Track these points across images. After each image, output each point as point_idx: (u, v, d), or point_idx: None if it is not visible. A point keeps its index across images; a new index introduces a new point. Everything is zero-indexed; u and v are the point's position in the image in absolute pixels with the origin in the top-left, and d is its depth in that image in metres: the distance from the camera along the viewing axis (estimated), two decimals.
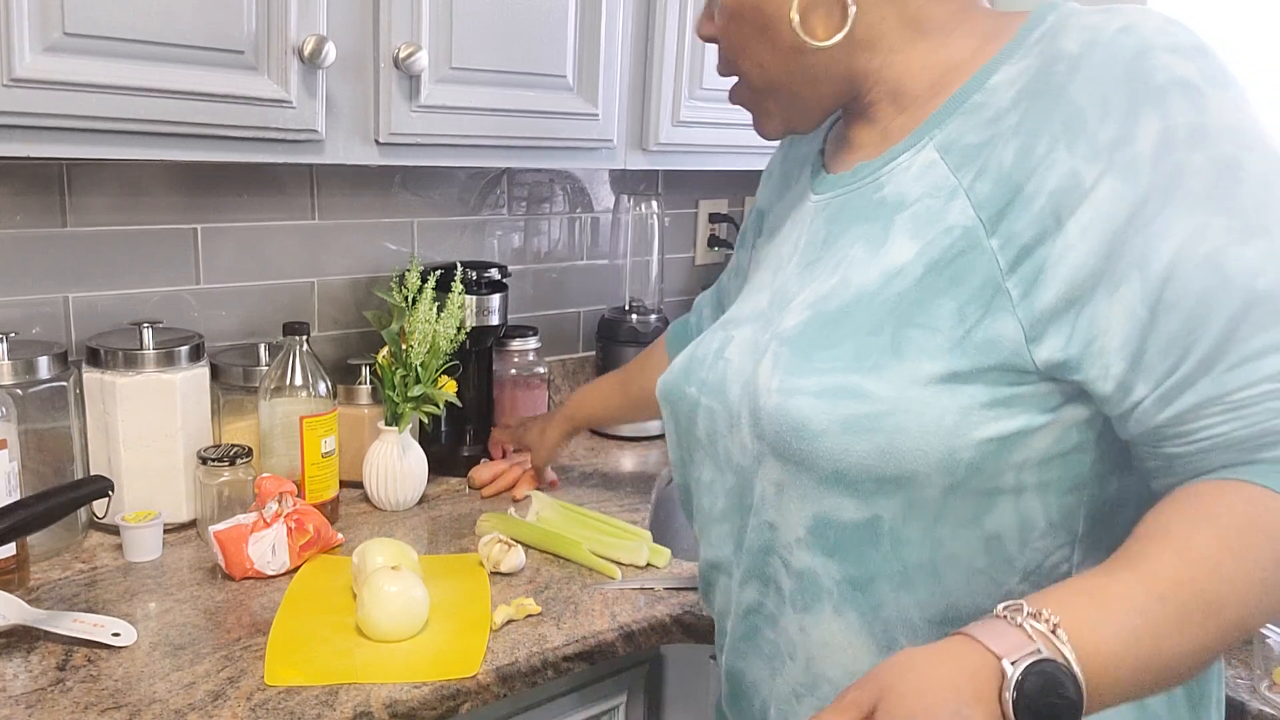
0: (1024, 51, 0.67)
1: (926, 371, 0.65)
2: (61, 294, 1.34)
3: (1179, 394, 0.61)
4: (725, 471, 0.80)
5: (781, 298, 0.79)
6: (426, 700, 0.95)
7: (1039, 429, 0.65)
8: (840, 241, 0.75)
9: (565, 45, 1.36)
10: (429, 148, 1.28)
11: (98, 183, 1.34)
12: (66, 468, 1.24)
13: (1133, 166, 0.60)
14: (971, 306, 0.65)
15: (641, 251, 1.85)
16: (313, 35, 1.12)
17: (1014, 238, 0.63)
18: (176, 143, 1.08)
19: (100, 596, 1.10)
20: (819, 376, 0.69)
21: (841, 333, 0.69)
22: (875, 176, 0.74)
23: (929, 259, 0.67)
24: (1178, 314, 0.60)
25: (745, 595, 0.79)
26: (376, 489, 1.38)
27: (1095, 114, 0.61)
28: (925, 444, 0.65)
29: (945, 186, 0.68)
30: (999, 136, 0.66)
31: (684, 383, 0.84)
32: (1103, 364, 0.62)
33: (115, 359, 1.23)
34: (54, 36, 0.98)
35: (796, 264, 0.79)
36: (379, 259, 1.61)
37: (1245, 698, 1.00)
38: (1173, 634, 0.57)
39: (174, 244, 1.42)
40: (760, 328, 0.79)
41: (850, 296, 0.70)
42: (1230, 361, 0.60)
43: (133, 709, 0.90)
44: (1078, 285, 0.62)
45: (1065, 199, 0.62)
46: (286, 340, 1.30)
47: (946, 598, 0.70)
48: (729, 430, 0.78)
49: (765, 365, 0.73)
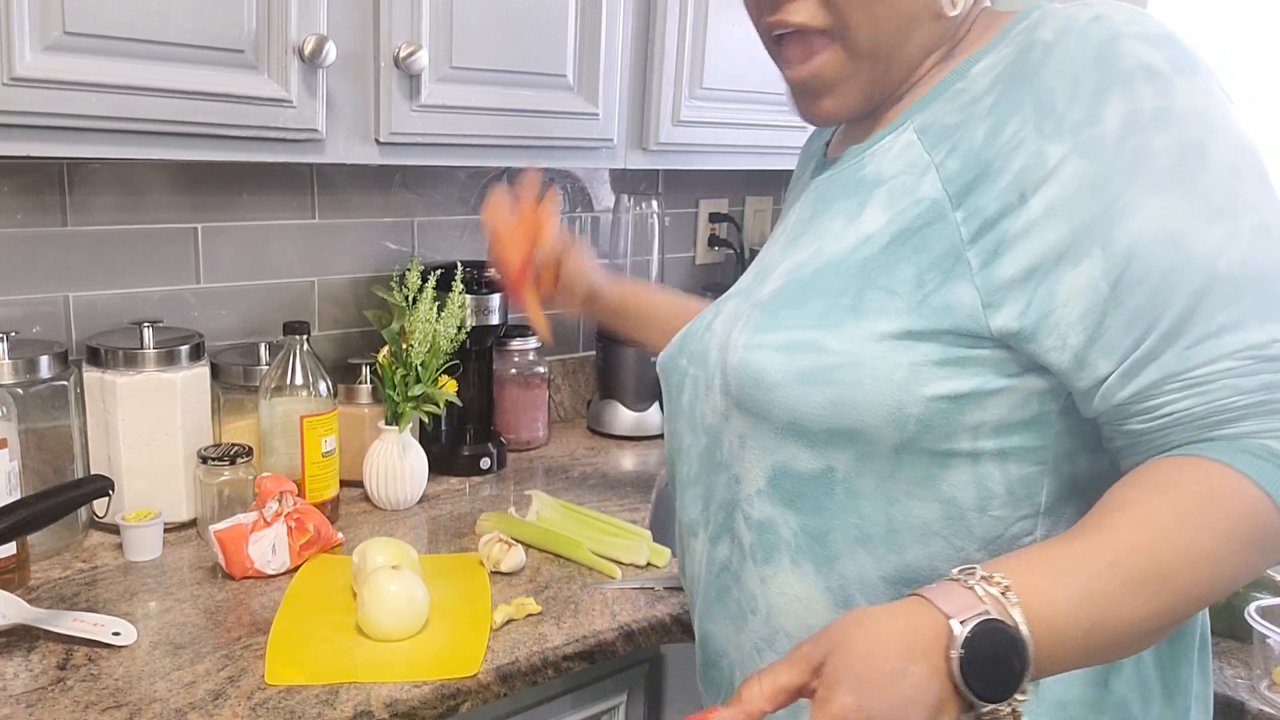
0: (1005, 43, 0.70)
1: (882, 329, 0.68)
2: (62, 293, 1.34)
3: (1141, 369, 0.63)
4: (699, 434, 0.82)
5: (763, 271, 0.82)
6: (427, 699, 0.95)
7: (995, 393, 0.67)
8: (822, 218, 0.77)
9: (565, 45, 1.36)
10: (429, 147, 1.28)
11: (98, 182, 1.34)
12: (67, 467, 1.24)
13: (1097, 146, 0.62)
14: (932, 273, 0.67)
15: (642, 251, 1.85)
16: (313, 35, 1.12)
17: (978, 211, 0.66)
18: (177, 142, 1.08)
19: (100, 596, 1.10)
20: (783, 332, 0.72)
21: (809, 293, 0.73)
22: (859, 158, 0.77)
23: (896, 228, 0.70)
24: (1141, 290, 0.62)
25: (716, 553, 0.82)
26: (376, 488, 1.38)
27: (1064, 96, 0.64)
28: (875, 396, 0.68)
29: (919, 163, 0.70)
30: (973, 118, 0.68)
31: (677, 355, 0.87)
32: (1059, 335, 0.64)
33: (115, 358, 1.23)
34: (54, 35, 0.98)
35: (783, 241, 0.82)
36: (379, 258, 1.61)
37: (1245, 697, 1.00)
38: (1124, 600, 0.58)
39: (174, 243, 1.42)
40: (742, 299, 0.81)
41: (822, 263, 0.73)
42: (1191, 338, 0.61)
43: (133, 708, 0.90)
44: (1038, 258, 0.64)
45: (1030, 176, 0.64)
46: (287, 340, 1.30)
47: (902, 557, 0.71)
48: (705, 394, 0.81)
49: (737, 328, 0.76)
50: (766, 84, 1.60)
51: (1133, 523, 0.60)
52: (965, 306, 0.66)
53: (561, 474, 1.55)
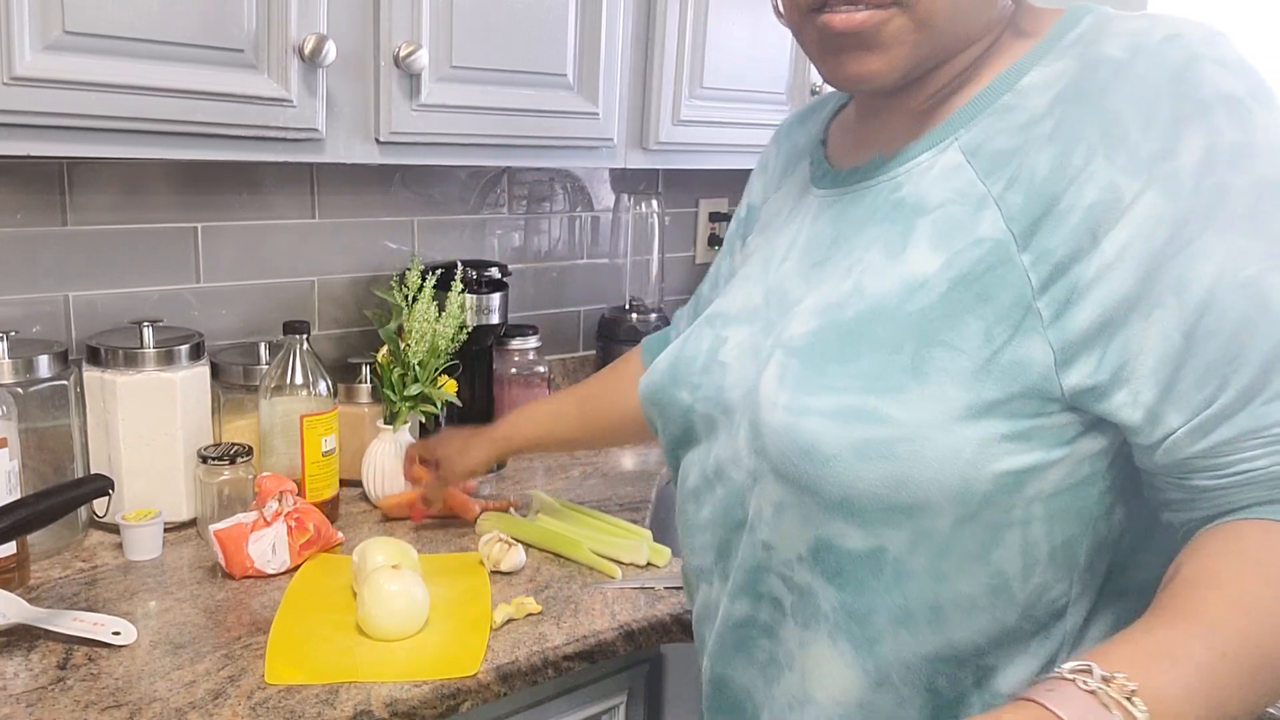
0: (1058, 53, 0.64)
1: (949, 397, 0.61)
2: (62, 292, 1.34)
3: (1215, 426, 0.58)
4: (714, 482, 0.76)
5: (781, 298, 0.74)
6: (427, 699, 0.95)
7: (1055, 463, 0.62)
8: (852, 243, 0.70)
9: (565, 44, 1.36)
10: (429, 146, 1.28)
11: (98, 181, 1.34)
12: (67, 466, 1.24)
13: (1175, 182, 0.57)
14: (1000, 327, 0.61)
15: (642, 250, 1.85)
16: (313, 34, 1.12)
17: (1047, 254, 0.59)
18: (177, 141, 1.08)
19: (100, 595, 1.10)
20: (833, 395, 0.64)
21: (858, 347, 0.65)
22: (891, 175, 0.69)
23: (956, 273, 0.62)
24: (1215, 342, 0.57)
25: (735, 609, 0.76)
26: (376, 488, 1.38)
27: (1137, 124, 0.58)
28: (941, 474, 0.61)
29: (973, 194, 0.64)
30: (1032, 143, 0.62)
31: (672, 386, 0.80)
32: (1132, 390, 0.59)
33: (115, 358, 1.22)
34: (54, 35, 0.98)
35: (798, 262, 0.74)
36: (379, 258, 1.61)
37: None
38: (1235, 692, 0.54)
39: (174, 243, 1.42)
40: (759, 330, 0.74)
41: (866, 307, 0.66)
42: (1269, 395, 0.58)
43: (133, 707, 0.90)
44: (1113, 308, 0.58)
45: (1103, 214, 0.58)
46: (287, 339, 1.30)
47: (945, 635, 0.66)
48: (725, 441, 0.75)
49: (770, 376, 0.68)
50: (767, 84, 1.60)
51: (1235, 604, 0.55)
52: (1038, 365, 0.60)
53: (561, 474, 1.55)
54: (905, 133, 0.70)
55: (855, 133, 0.77)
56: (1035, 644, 0.67)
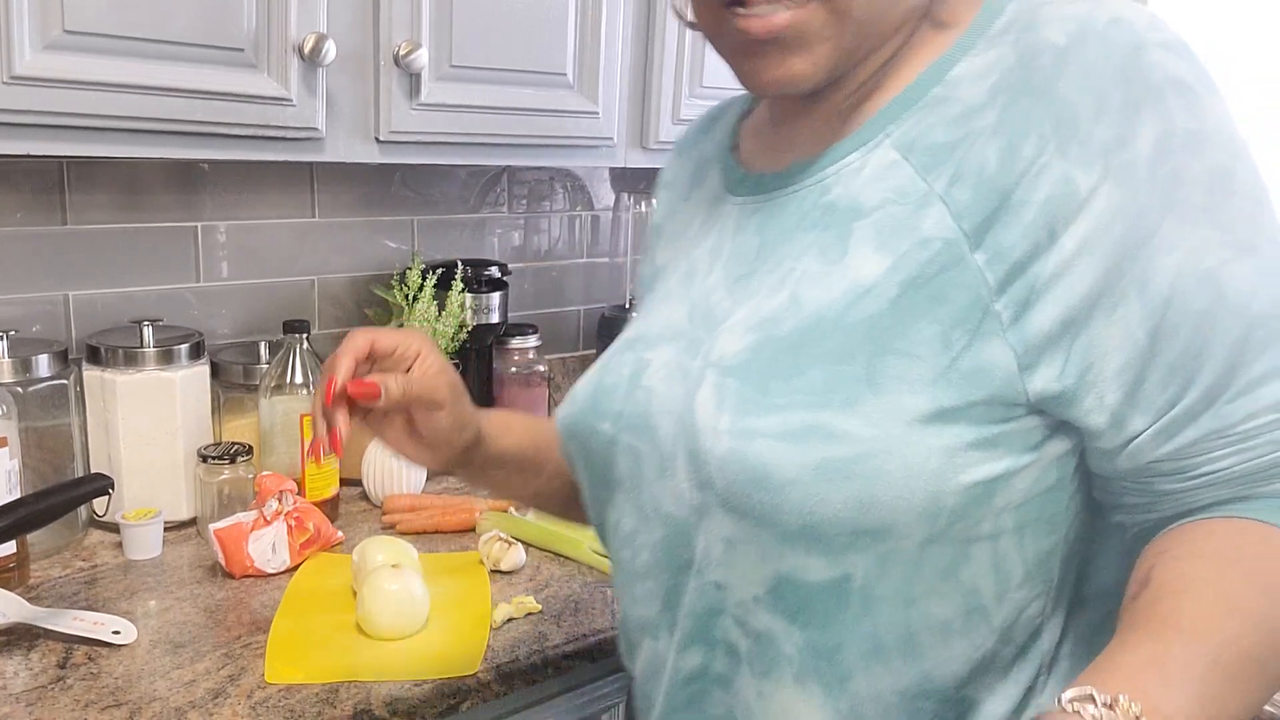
0: (987, 42, 0.60)
1: (909, 406, 0.57)
2: (62, 292, 1.34)
3: (1181, 428, 0.56)
4: (652, 522, 0.68)
5: (707, 315, 0.68)
6: (427, 698, 0.95)
7: (1023, 469, 0.59)
8: (781, 252, 0.65)
9: (565, 43, 1.36)
10: (429, 145, 1.28)
11: (98, 181, 1.34)
12: (67, 466, 1.24)
13: (1130, 173, 0.54)
14: (957, 331, 0.57)
15: (642, 250, 1.85)
16: (313, 33, 1.12)
17: (1003, 253, 0.56)
18: (176, 140, 1.08)
19: (100, 594, 1.10)
20: (781, 414, 0.58)
21: (802, 361, 0.59)
22: (818, 178, 0.64)
23: (904, 276, 0.58)
24: (1179, 339, 0.55)
25: (686, 661, 0.68)
26: (376, 488, 1.38)
27: (1089, 113, 0.55)
28: (908, 490, 0.56)
29: (913, 191, 0.59)
30: (974, 135, 0.57)
31: (593, 417, 0.72)
32: (1098, 393, 0.56)
33: (115, 357, 1.23)
34: (54, 34, 0.98)
35: (723, 275, 0.68)
36: (379, 257, 1.61)
37: None
38: (1230, 698, 0.52)
39: (174, 242, 1.42)
40: (685, 350, 0.67)
41: (807, 318, 0.60)
42: (1232, 392, 0.56)
43: (133, 707, 0.90)
44: (1075, 307, 0.55)
45: (1060, 208, 0.55)
46: (287, 338, 1.30)
47: (920, 665, 0.62)
48: (659, 475, 0.67)
49: (705, 399, 0.62)
50: None
51: (1215, 609, 0.53)
52: (1000, 369, 0.56)
53: None
54: (828, 133, 0.66)
55: (771, 136, 0.72)
56: (1015, 670, 0.64)
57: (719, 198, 0.73)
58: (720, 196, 0.73)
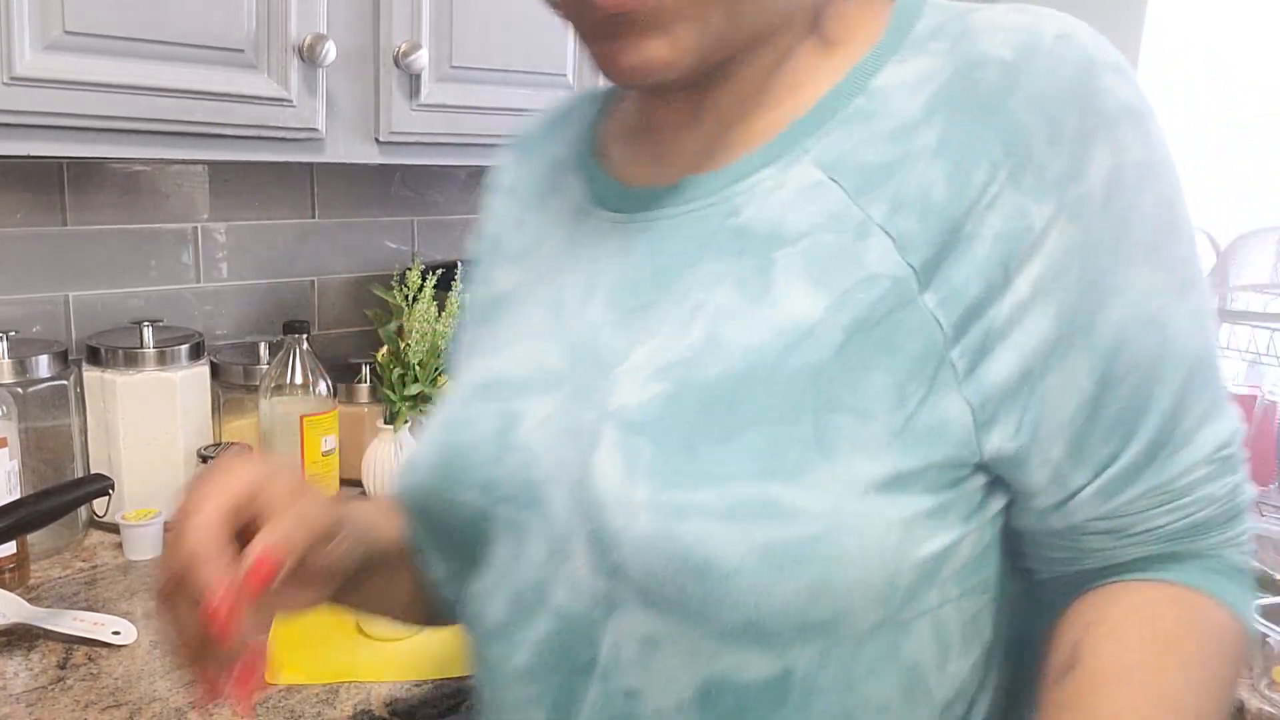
0: (911, 48, 0.53)
1: (864, 473, 0.48)
2: (61, 292, 1.34)
3: (1123, 486, 0.52)
4: (536, 614, 0.56)
5: (594, 356, 0.56)
6: (427, 698, 0.95)
7: (968, 535, 0.53)
8: (684, 281, 0.54)
9: (566, 44, 1.36)
10: (429, 146, 1.28)
11: (97, 181, 1.34)
12: (67, 466, 1.24)
13: (1084, 207, 0.49)
14: (912, 384, 0.49)
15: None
16: (312, 33, 1.12)
17: (956, 294, 0.49)
18: (176, 141, 1.08)
19: (100, 595, 1.10)
20: (717, 486, 0.48)
21: (735, 417, 0.49)
22: (723, 196, 0.55)
23: (850, 318, 0.50)
24: (1124, 389, 0.50)
25: None
26: (376, 487, 1.38)
27: (1042, 139, 0.49)
28: (866, 573, 0.48)
29: (848, 218, 0.51)
30: (914, 156, 0.50)
31: (450, 487, 0.59)
32: (1043, 450, 0.51)
33: (115, 357, 1.23)
34: (54, 35, 0.98)
35: (606, 307, 0.57)
36: (379, 257, 1.61)
37: (1245, 696, 1.00)
38: None
39: (174, 242, 1.42)
40: (570, 400, 0.55)
41: (735, 364, 0.50)
42: (1175, 444, 0.52)
43: (133, 707, 0.90)
44: (1031, 356, 0.49)
45: (1014, 245, 0.49)
46: (286, 339, 1.30)
47: None
48: (548, 558, 0.55)
49: (609, 464, 0.50)
50: None
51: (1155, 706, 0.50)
52: (957, 427, 0.50)
53: None
54: (723, 144, 0.57)
55: (647, 143, 0.62)
56: None
57: (583, 211, 0.62)
58: (585, 210, 0.62)
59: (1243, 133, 1.59)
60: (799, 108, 0.55)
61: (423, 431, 0.62)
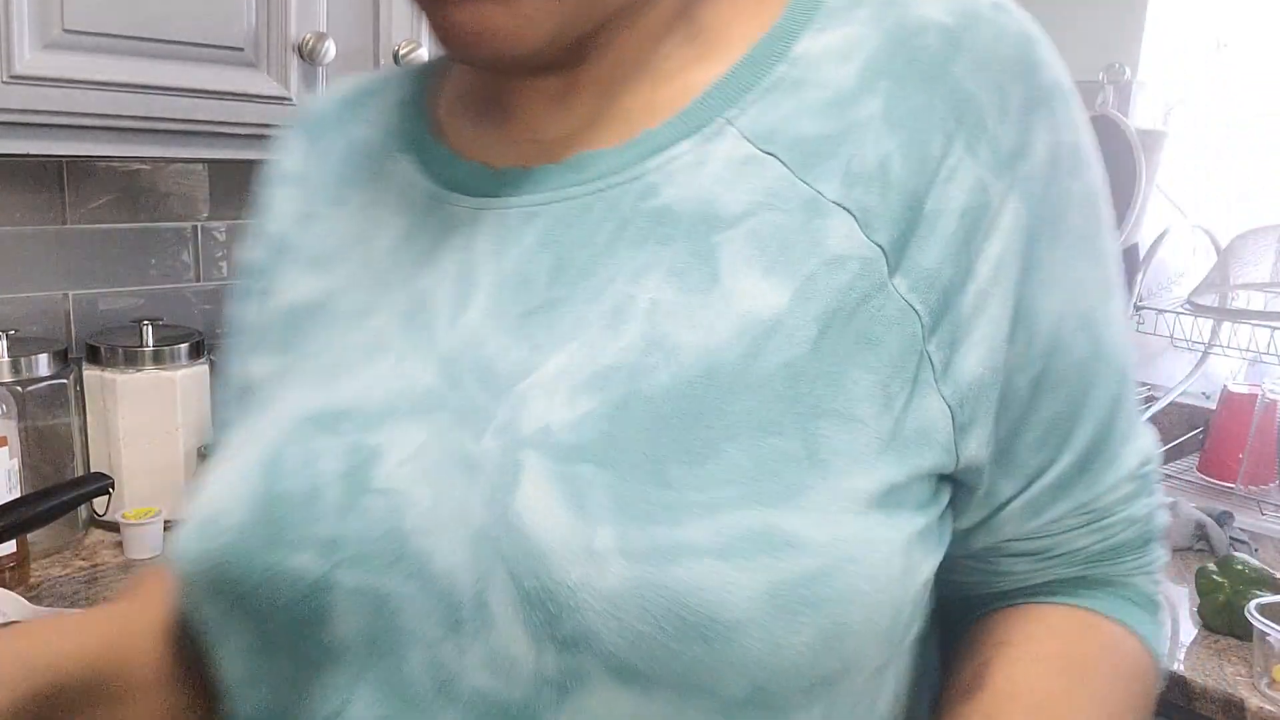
0: (830, 14, 0.47)
1: (859, 490, 0.41)
2: (62, 291, 1.34)
3: (1051, 502, 0.48)
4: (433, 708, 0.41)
5: (483, 370, 0.45)
6: None
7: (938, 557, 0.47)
8: (601, 274, 0.45)
9: None
10: None
11: (97, 180, 1.34)
12: (67, 465, 1.24)
13: (1030, 186, 0.45)
14: (896, 382, 0.43)
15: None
16: (312, 32, 1.12)
17: (928, 277, 0.43)
18: (176, 140, 1.08)
19: (101, 594, 1.10)
20: (706, 517, 0.39)
21: (708, 431, 0.41)
22: (631, 174, 0.47)
23: (821, 307, 0.43)
24: (1059, 394, 0.46)
25: None
26: None
27: (994, 109, 0.45)
28: (876, 610, 0.40)
29: (794, 195, 0.44)
30: (859, 126, 0.45)
31: (266, 549, 0.43)
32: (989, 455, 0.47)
33: (115, 356, 1.23)
34: (53, 34, 0.98)
35: (491, 310, 0.46)
36: None
37: (1245, 694, 1.00)
38: None
39: (174, 241, 1.42)
40: (455, 426, 0.44)
41: (692, 369, 0.42)
42: (1105, 458, 0.48)
43: None
44: (999, 347, 0.44)
45: (976, 221, 0.44)
46: None
47: None
48: (448, 633, 0.41)
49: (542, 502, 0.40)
50: None
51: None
52: (940, 432, 0.44)
53: None
54: (612, 116, 0.49)
55: (503, 117, 0.52)
56: None
57: (432, 198, 0.51)
58: (434, 196, 0.51)
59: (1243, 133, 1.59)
60: (708, 76, 0.48)
61: (213, 482, 0.47)
